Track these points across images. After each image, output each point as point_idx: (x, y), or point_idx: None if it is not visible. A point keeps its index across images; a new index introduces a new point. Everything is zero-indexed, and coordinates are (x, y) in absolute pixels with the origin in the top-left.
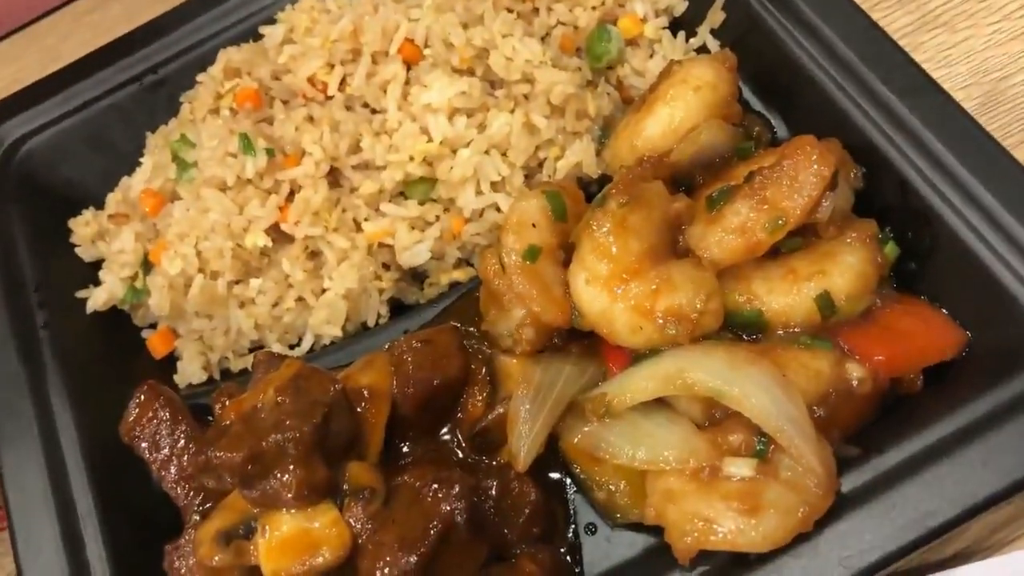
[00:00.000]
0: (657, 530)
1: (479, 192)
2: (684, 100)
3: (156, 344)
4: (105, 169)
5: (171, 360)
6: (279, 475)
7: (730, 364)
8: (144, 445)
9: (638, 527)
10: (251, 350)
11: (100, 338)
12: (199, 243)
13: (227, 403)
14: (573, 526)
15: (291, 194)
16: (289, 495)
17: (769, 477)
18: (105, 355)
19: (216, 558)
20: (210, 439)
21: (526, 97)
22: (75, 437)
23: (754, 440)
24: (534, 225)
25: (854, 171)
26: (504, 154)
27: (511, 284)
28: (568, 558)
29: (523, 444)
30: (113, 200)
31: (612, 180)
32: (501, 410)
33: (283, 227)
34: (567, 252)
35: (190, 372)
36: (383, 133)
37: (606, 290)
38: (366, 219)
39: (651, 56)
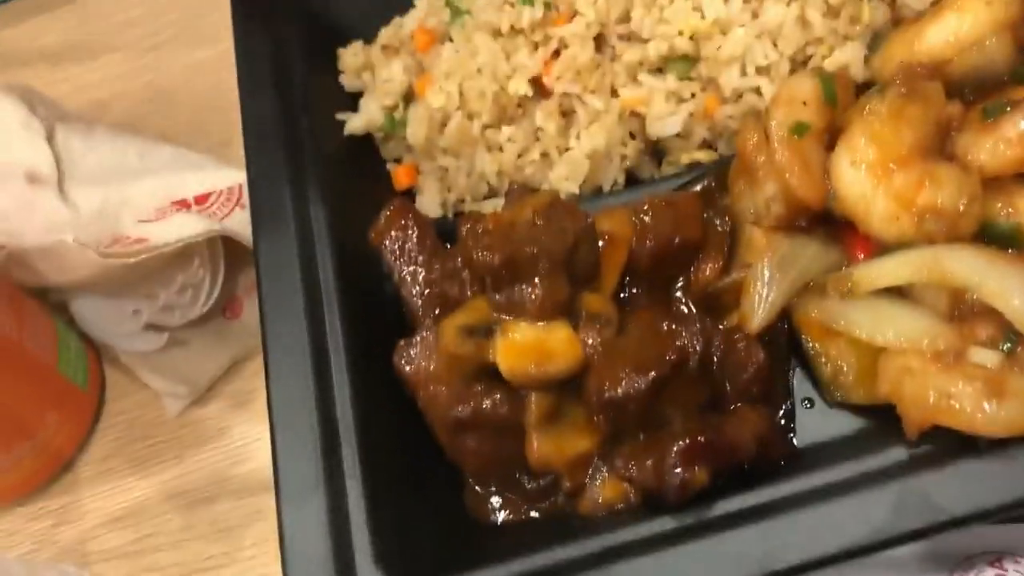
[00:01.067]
0: (876, 414)
1: (744, 74)
2: (974, 11)
3: (401, 175)
4: (378, 8)
5: (410, 195)
6: (527, 285)
7: (989, 260)
8: (391, 250)
9: (857, 409)
10: (486, 198)
11: (352, 159)
12: (463, 82)
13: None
14: (791, 398)
15: (556, 52)
16: (533, 305)
17: (1016, 371)
18: (355, 175)
19: (459, 348)
20: (468, 244)
21: None
22: (326, 231)
23: (1002, 337)
24: (805, 103)
25: None
26: (774, 43)
27: (771, 156)
28: (783, 424)
29: (759, 307)
30: (385, 34)
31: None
32: (737, 276)
33: (544, 80)
34: (832, 138)
35: (428, 206)
36: (654, 7)
37: (870, 174)
38: (623, 86)
39: None
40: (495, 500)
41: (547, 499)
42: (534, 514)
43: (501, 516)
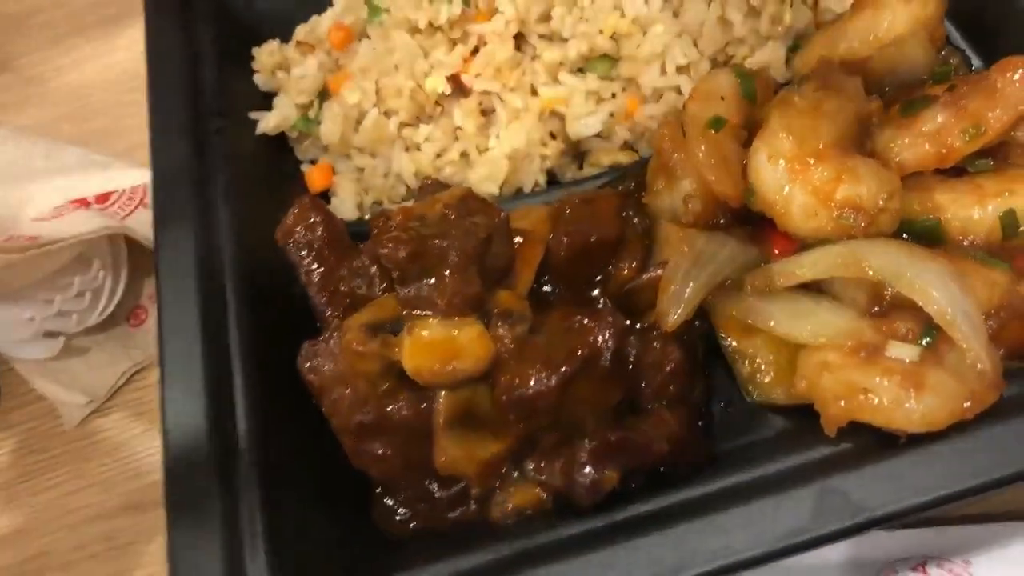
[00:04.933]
0: (796, 414)
1: (663, 73)
2: (892, 8)
3: (315, 177)
4: (296, 8)
5: (326, 197)
6: (436, 279)
7: (908, 254)
8: (298, 249)
9: (777, 409)
10: (404, 200)
11: (263, 160)
12: (380, 79)
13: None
14: (709, 399)
15: (475, 50)
16: (442, 300)
17: (934, 365)
18: (265, 176)
19: (363, 346)
20: (374, 238)
21: None
22: (230, 233)
23: (921, 331)
24: (722, 98)
25: None
26: (695, 43)
27: (688, 152)
28: (700, 425)
29: (676, 304)
30: (302, 31)
31: None
32: (654, 273)
33: (463, 78)
34: (751, 135)
35: (343, 208)
36: (575, 6)
37: (788, 169)
38: (544, 85)
39: None
40: (404, 510)
41: (458, 508)
42: (445, 524)
43: (411, 527)
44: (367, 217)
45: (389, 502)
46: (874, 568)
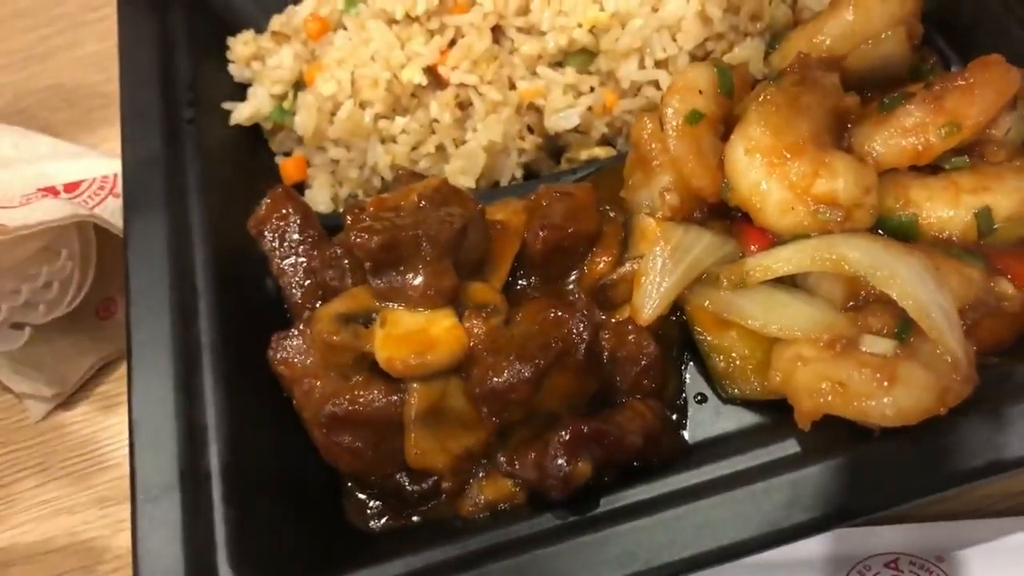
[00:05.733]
0: (769, 409)
1: (642, 67)
2: (869, 7)
3: (289, 169)
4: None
5: (300, 190)
6: (409, 270)
7: (884, 248)
8: (270, 239)
9: (751, 404)
10: (379, 193)
11: (237, 152)
12: (356, 70)
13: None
14: (683, 394)
15: (452, 42)
16: (415, 291)
17: (908, 359)
18: (239, 168)
19: (334, 336)
20: (347, 229)
21: None
22: (202, 223)
23: (896, 326)
24: (700, 92)
25: None
26: (674, 38)
27: (665, 145)
28: (674, 419)
29: (651, 297)
30: (277, 21)
31: None
32: (630, 267)
33: (440, 70)
34: (728, 129)
35: (318, 201)
36: (554, 0)
37: (765, 163)
38: (521, 78)
39: None
40: (374, 505)
41: (429, 502)
42: (416, 519)
43: (381, 522)
44: (341, 210)
45: (360, 496)
46: (848, 564)
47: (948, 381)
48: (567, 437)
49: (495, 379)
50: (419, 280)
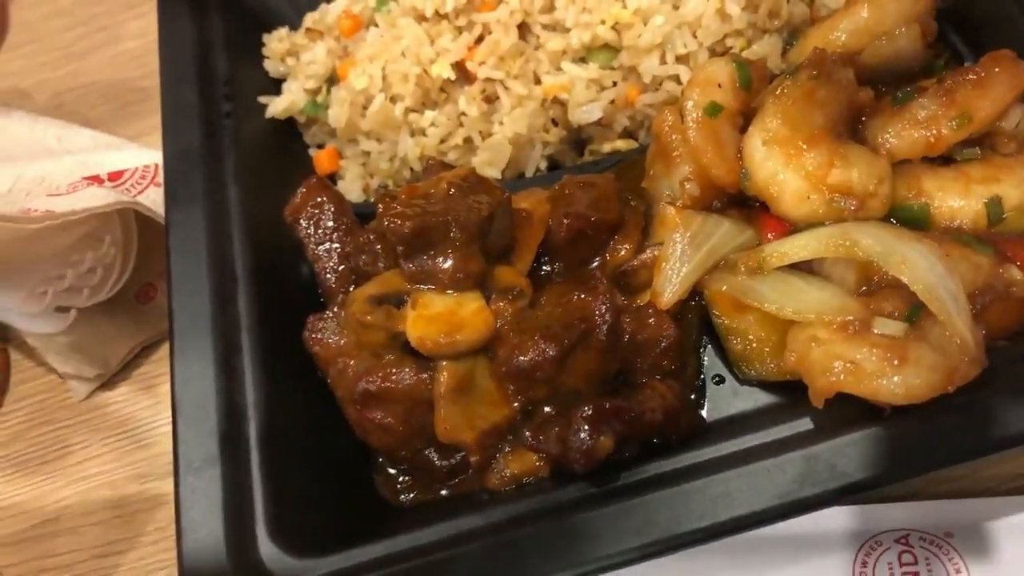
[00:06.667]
0: (784, 389)
1: (663, 62)
2: (883, 5)
3: (322, 160)
4: None
5: (332, 180)
6: (439, 254)
7: (897, 235)
8: (305, 227)
9: (766, 386)
10: (408, 184)
11: (272, 144)
12: (387, 65)
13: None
14: (702, 375)
15: (479, 39)
16: (445, 275)
17: (919, 340)
18: (274, 159)
19: (368, 316)
20: (380, 214)
21: None
22: (240, 211)
23: (907, 310)
24: (720, 85)
25: None
26: (694, 34)
27: (686, 136)
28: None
29: (671, 281)
30: (311, 18)
31: None
32: (650, 254)
33: (468, 65)
34: (746, 122)
35: (349, 191)
36: None
37: (781, 153)
38: (546, 73)
39: None
40: (404, 479)
41: (456, 477)
42: (443, 493)
43: (410, 496)
44: (372, 200)
45: (390, 471)
46: (860, 539)
47: (957, 362)
48: (590, 412)
49: (521, 357)
50: (449, 264)
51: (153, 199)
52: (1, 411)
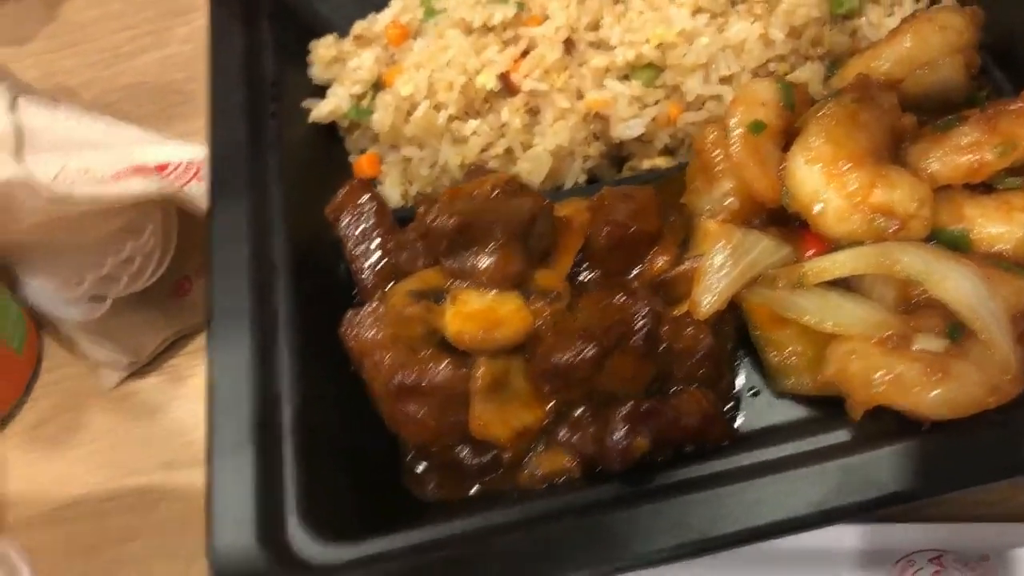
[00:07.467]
0: (820, 404)
1: (707, 82)
2: (927, 36)
3: (363, 165)
4: (355, 6)
5: (372, 185)
6: (481, 252)
7: (937, 256)
8: (345, 226)
9: (801, 400)
10: None
11: (314, 147)
12: (433, 73)
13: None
14: (737, 388)
15: (525, 53)
16: (485, 273)
17: (960, 356)
18: (315, 162)
19: (408, 308)
20: (424, 212)
21: (768, 13)
22: (281, 207)
23: (946, 329)
24: (763, 104)
25: None
26: (737, 57)
27: (728, 152)
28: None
29: (710, 293)
30: (359, 26)
31: None
32: (689, 265)
33: (512, 77)
34: (788, 141)
35: (389, 196)
36: (624, 17)
37: (824, 172)
38: (590, 88)
39: (890, 15)
40: (434, 475)
41: (486, 476)
42: (473, 490)
43: (439, 492)
44: (411, 205)
45: (420, 467)
46: (893, 557)
47: (998, 380)
48: (628, 412)
49: (559, 356)
50: (490, 262)
51: (195, 193)
52: (31, 396)
